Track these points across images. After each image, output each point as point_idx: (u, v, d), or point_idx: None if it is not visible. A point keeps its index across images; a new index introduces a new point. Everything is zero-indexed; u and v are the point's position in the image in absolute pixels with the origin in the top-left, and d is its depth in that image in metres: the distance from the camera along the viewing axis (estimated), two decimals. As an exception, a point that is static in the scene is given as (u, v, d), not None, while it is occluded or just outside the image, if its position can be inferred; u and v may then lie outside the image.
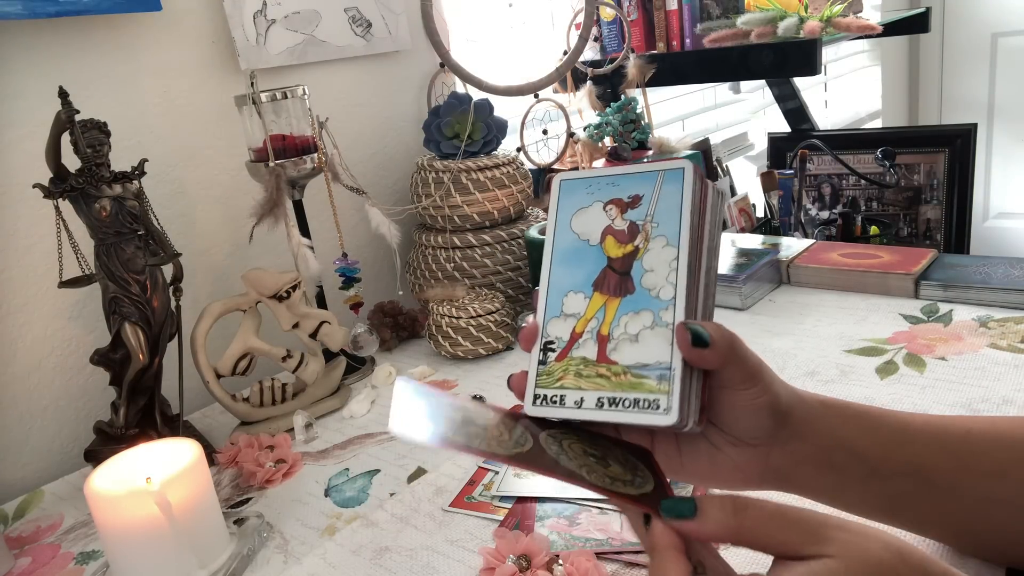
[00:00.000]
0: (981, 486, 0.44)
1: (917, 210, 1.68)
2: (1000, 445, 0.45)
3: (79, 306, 0.85)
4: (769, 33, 1.24)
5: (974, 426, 0.47)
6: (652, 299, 0.38)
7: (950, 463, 0.45)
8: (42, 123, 0.73)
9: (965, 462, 0.45)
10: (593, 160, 1.26)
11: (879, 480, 0.44)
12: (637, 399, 0.37)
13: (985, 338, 0.78)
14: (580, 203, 0.42)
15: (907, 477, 0.44)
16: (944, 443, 0.45)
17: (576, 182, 0.42)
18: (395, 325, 1.04)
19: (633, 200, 0.40)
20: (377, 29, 1.10)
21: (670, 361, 0.37)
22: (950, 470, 0.45)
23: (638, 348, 0.37)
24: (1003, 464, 0.45)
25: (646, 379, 0.37)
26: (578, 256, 0.41)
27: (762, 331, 0.89)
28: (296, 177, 0.89)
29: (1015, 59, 2.71)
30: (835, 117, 2.52)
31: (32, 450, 0.84)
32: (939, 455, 0.45)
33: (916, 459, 0.45)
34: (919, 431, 0.46)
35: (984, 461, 0.45)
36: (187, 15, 0.92)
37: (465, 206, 1.01)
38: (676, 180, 0.39)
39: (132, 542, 0.55)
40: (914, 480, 0.44)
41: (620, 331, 0.38)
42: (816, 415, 0.43)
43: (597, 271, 0.40)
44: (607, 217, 0.40)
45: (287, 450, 0.77)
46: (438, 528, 0.62)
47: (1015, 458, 0.45)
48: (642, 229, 0.39)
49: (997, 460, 0.45)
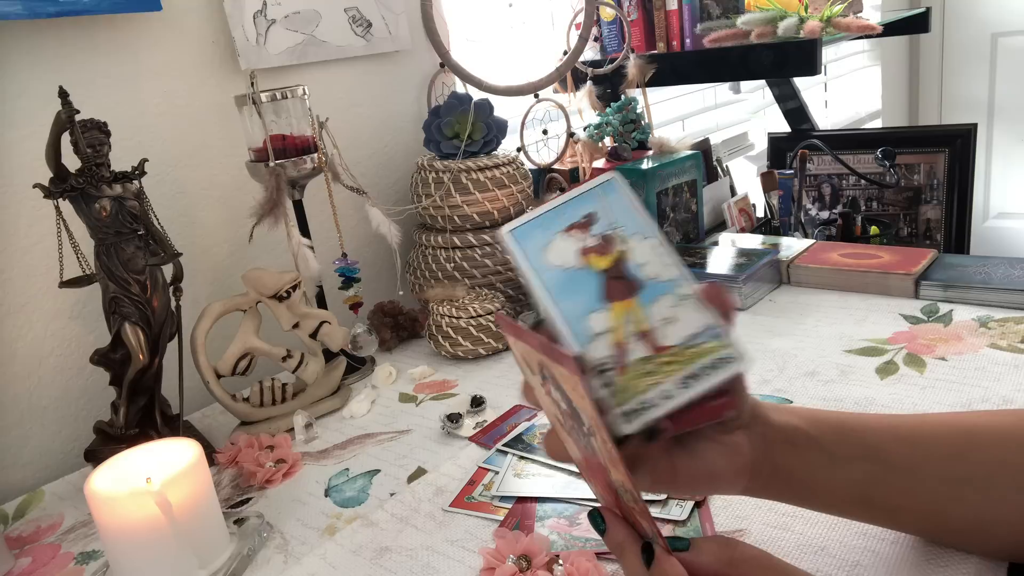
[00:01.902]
0: (940, 467, 0.47)
1: (917, 210, 1.68)
2: (954, 431, 0.49)
3: (79, 306, 0.85)
4: (769, 33, 1.24)
5: (927, 418, 0.50)
6: (662, 283, 0.41)
7: (906, 448, 0.48)
8: (42, 123, 0.73)
9: (921, 446, 0.48)
10: (593, 160, 1.26)
11: (840, 465, 0.47)
12: (712, 362, 0.39)
13: (985, 338, 0.78)
14: (541, 242, 0.43)
15: (866, 460, 0.47)
16: (897, 431, 0.49)
17: (525, 227, 0.44)
18: (395, 325, 1.04)
19: (588, 218, 0.42)
20: (377, 29, 1.10)
21: (711, 321, 0.40)
22: (907, 454, 0.48)
23: (680, 325, 0.40)
24: (959, 447, 0.48)
25: (705, 343, 0.40)
26: (573, 283, 0.42)
27: (762, 331, 0.89)
28: (296, 177, 0.89)
29: (1015, 59, 2.71)
30: (835, 117, 2.52)
31: (32, 450, 0.84)
32: (894, 441, 0.48)
33: (872, 444, 0.48)
34: (873, 422, 0.50)
35: (940, 445, 0.48)
36: (187, 15, 0.92)
37: (465, 206, 1.01)
38: (613, 189, 0.43)
39: (132, 542, 0.55)
40: (873, 463, 0.47)
41: (656, 320, 0.40)
42: (775, 408, 0.48)
43: (599, 286, 0.41)
44: (575, 241, 0.42)
45: (287, 450, 0.77)
46: (438, 528, 0.62)
47: (971, 442, 0.48)
48: (615, 236, 0.42)
49: (953, 444, 0.48)
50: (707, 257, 1.06)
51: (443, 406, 0.83)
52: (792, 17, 1.21)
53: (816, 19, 1.20)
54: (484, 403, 0.80)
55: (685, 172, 1.17)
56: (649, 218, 0.42)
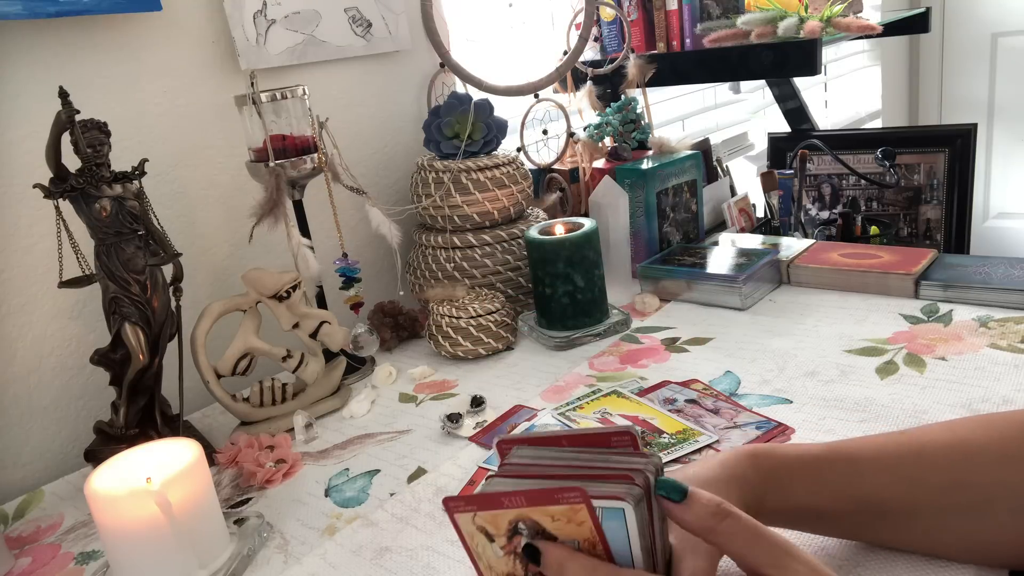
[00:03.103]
0: (939, 500, 0.45)
1: (917, 210, 1.68)
2: (956, 455, 0.46)
3: (79, 306, 0.85)
4: (769, 33, 1.24)
5: (929, 441, 0.47)
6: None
7: (903, 488, 0.46)
8: (42, 123, 0.74)
9: (920, 481, 0.46)
10: (593, 160, 1.26)
11: (829, 522, 0.47)
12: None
13: (985, 338, 0.78)
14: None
15: (859, 514, 0.46)
16: (896, 471, 0.46)
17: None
18: (395, 325, 1.04)
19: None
20: (377, 29, 1.10)
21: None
22: (904, 496, 0.46)
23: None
24: (960, 474, 0.45)
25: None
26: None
27: (762, 331, 0.89)
28: (296, 177, 0.89)
29: (1015, 59, 2.71)
30: (835, 117, 2.52)
31: (32, 450, 0.84)
32: (891, 486, 0.46)
33: (867, 494, 0.46)
34: (869, 464, 0.47)
35: (941, 475, 0.46)
36: (187, 15, 0.92)
37: (465, 206, 1.01)
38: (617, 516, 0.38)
39: (132, 542, 0.55)
40: (867, 514, 0.46)
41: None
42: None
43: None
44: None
45: (287, 450, 0.77)
46: (438, 528, 0.62)
47: (972, 465, 0.46)
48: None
49: (953, 472, 0.46)
50: (707, 257, 1.06)
51: (443, 406, 0.83)
52: (792, 17, 1.21)
53: (816, 19, 1.20)
54: (484, 403, 0.80)
55: (685, 172, 1.17)
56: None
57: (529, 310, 1.02)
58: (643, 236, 1.12)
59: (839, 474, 0.47)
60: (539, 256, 0.94)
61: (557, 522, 0.38)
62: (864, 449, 0.48)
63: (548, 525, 0.38)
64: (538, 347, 0.95)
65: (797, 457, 0.47)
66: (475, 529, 0.41)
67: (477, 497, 0.40)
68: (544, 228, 0.96)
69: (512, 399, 0.82)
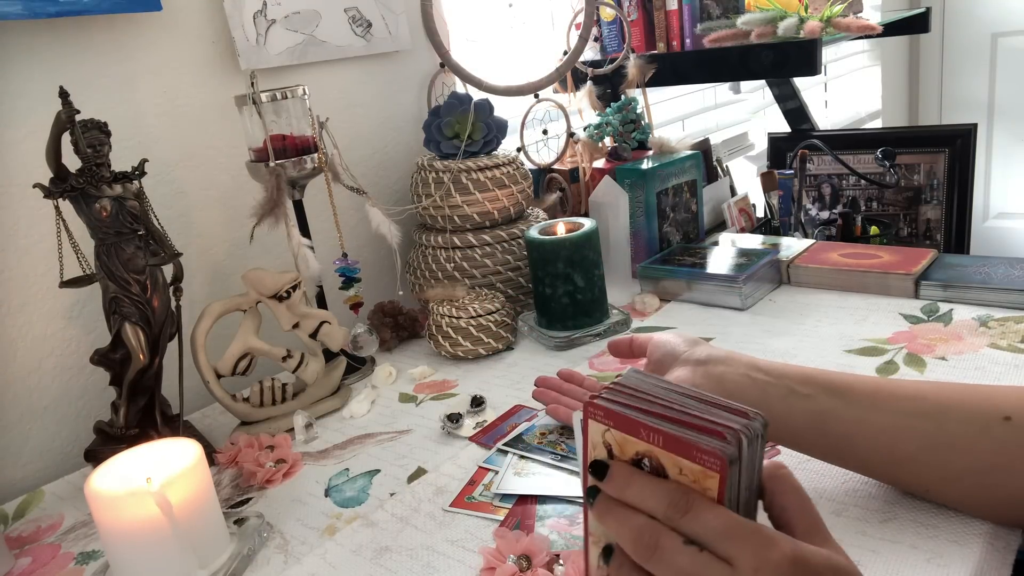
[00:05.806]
0: (900, 404, 0.51)
1: (917, 210, 1.68)
2: (913, 382, 0.53)
3: (79, 306, 0.85)
4: (769, 33, 1.24)
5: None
6: None
7: (868, 385, 0.53)
8: (42, 123, 0.74)
9: (882, 385, 0.53)
10: (593, 160, 1.26)
11: (799, 398, 0.52)
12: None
13: (985, 338, 0.78)
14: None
15: (827, 395, 0.52)
16: (858, 377, 0.54)
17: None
18: (395, 325, 1.04)
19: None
20: (377, 29, 1.10)
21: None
22: (868, 391, 0.52)
23: None
24: (919, 389, 0.52)
25: None
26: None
27: (762, 331, 0.89)
28: (296, 177, 0.89)
29: (1015, 59, 2.71)
30: (835, 117, 2.52)
31: (32, 450, 0.84)
32: (856, 381, 0.53)
33: (834, 383, 0.53)
34: (833, 372, 0.55)
35: (901, 385, 0.53)
36: (187, 15, 0.92)
37: (465, 206, 1.01)
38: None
39: (132, 542, 0.55)
40: (834, 398, 0.52)
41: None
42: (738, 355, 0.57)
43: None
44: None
45: (287, 450, 0.77)
46: (438, 528, 0.62)
47: (929, 387, 0.52)
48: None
49: (912, 386, 0.53)
50: (707, 257, 1.06)
51: (443, 406, 0.83)
52: (792, 17, 1.21)
53: (816, 19, 1.20)
54: (484, 403, 0.80)
55: (685, 172, 1.17)
56: None
57: (529, 310, 1.02)
58: (643, 236, 1.12)
59: (815, 373, 0.54)
60: (539, 256, 0.94)
61: (683, 476, 0.38)
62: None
63: (672, 473, 0.38)
64: (538, 347, 0.95)
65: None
66: (601, 441, 0.41)
67: (619, 416, 0.40)
68: (544, 228, 0.96)
69: (512, 399, 0.82)
